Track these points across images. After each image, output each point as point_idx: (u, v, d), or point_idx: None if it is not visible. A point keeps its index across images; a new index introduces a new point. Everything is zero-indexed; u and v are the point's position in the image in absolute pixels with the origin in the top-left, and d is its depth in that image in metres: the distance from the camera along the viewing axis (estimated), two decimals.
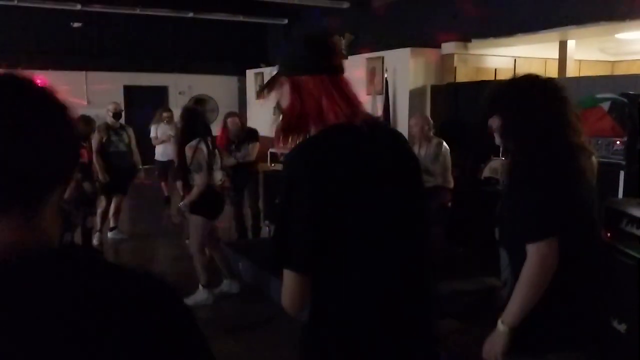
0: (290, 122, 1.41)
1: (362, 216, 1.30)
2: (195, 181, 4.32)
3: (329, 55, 1.40)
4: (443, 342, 3.58)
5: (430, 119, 5.47)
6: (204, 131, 4.46)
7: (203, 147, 4.34)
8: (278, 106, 1.46)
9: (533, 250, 1.63)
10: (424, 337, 1.43)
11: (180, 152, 4.38)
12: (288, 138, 1.43)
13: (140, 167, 6.64)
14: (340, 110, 1.34)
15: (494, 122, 1.86)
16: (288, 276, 1.31)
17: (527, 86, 1.82)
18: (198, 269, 4.49)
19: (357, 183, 1.31)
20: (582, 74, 8.14)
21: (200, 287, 4.48)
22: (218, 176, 4.50)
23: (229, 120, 5.96)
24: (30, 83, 0.80)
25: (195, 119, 4.51)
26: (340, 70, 1.42)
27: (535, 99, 1.77)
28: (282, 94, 1.42)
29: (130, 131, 6.56)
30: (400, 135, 1.53)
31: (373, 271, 1.33)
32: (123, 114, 6.92)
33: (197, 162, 4.29)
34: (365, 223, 1.31)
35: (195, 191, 4.33)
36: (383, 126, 1.54)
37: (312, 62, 1.38)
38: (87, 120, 5.86)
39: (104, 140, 6.14)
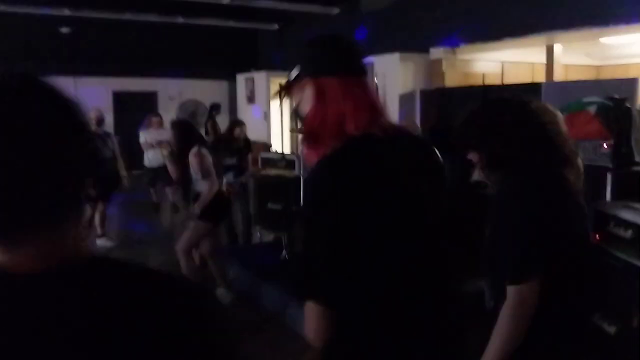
0: (312, 127, 1.31)
1: (388, 234, 1.24)
2: (205, 186, 4.33)
3: (353, 56, 1.35)
4: None
5: (417, 124, 5.51)
6: (200, 139, 4.51)
7: (206, 152, 4.39)
8: (295, 112, 1.39)
9: (512, 292, 1.53)
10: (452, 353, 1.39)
11: (179, 162, 4.39)
12: (312, 145, 1.32)
13: (125, 175, 6.54)
14: (362, 117, 1.27)
15: (474, 157, 1.79)
16: (313, 309, 1.20)
17: (492, 114, 1.72)
18: (186, 273, 4.47)
19: (383, 201, 1.23)
20: (569, 79, 8.23)
21: None
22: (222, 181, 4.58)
23: (237, 129, 6.10)
24: (53, 89, 0.79)
25: (189, 128, 4.62)
26: (364, 72, 1.35)
27: (508, 126, 1.66)
28: (303, 98, 1.34)
29: (114, 139, 6.50)
30: (425, 144, 1.44)
31: (399, 288, 1.27)
32: (112, 120, 6.85)
33: (206, 168, 4.32)
34: (391, 241, 1.24)
35: (206, 196, 4.33)
36: (406, 135, 1.40)
37: (338, 63, 1.31)
38: None
39: None
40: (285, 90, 1.40)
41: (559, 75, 7.77)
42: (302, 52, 1.38)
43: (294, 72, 1.35)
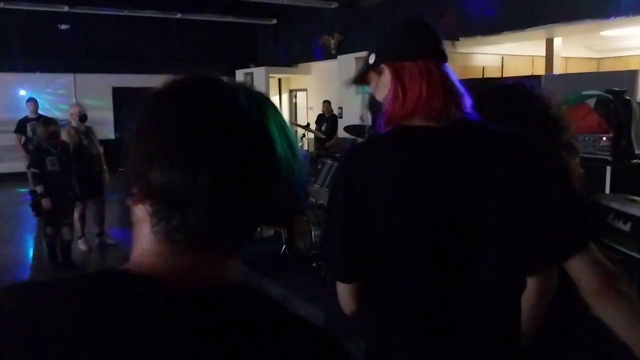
0: (393, 115, 1.22)
1: (417, 232, 1.15)
2: None
3: (433, 39, 1.27)
4: None
5: None
6: None
7: None
8: (372, 101, 1.35)
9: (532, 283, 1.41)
10: None
11: None
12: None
13: (106, 169, 6.29)
14: (434, 104, 1.18)
15: None
16: (339, 286, 1.25)
17: (500, 100, 1.66)
18: None
19: (411, 194, 1.15)
20: (568, 71, 8.23)
21: None
22: None
23: None
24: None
25: None
26: (444, 57, 1.27)
27: (514, 110, 1.60)
28: (380, 85, 1.28)
29: (95, 133, 6.32)
30: (510, 143, 1.21)
31: (421, 299, 1.17)
32: (111, 116, 6.68)
33: None
34: (420, 240, 1.15)
35: None
36: (482, 131, 1.21)
37: (417, 46, 1.24)
38: (45, 121, 5.52)
39: (76, 145, 5.82)
40: (361, 77, 1.35)
41: (558, 68, 7.76)
42: (377, 38, 1.33)
43: (371, 59, 1.30)
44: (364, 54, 1.44)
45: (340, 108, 9.48)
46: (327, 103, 10.44)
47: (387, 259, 1.17)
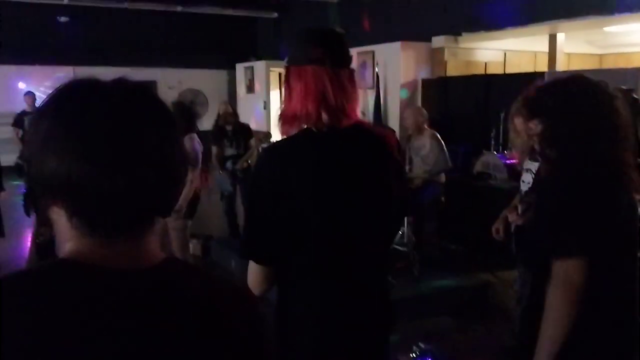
0: (283, 112, 1.45)
1: (321, 218, 1.39)
2: (188, 177, 4.15)
3: (326, 47, 1.41)
4: (437, 340, 3.59)
5: (424, 111, 5.45)
6: (195, 127, 4.32)
7: (199, 142, 4.22)
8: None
9: (558, 269, 1.49)
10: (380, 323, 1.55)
11: None
12: (284, 129, 1.47)
13: None
14: (326, 108, 1.39)
15: (534, 126, 1.68)
16: (250, 264, 1.45)
17: (575, 90, 1.64)
18: None
19: (317, 186, 1.38)
20: (571, 68, 8.17)
21: None
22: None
23: (220, 105, 6.25)
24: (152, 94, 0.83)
25: (189, 113, 4.35)
26: (339, 63, 1.42)
27: (585, 106, 1.60)
28: (284, 85, 1.48)
29: None
30: (382, 143, 1.51)
31: (329, 266, 1.43)
32: None
33: (195, 157, 4.10)
34: (323, 224, 1.39)
35: (189, 190, 4.02)
36: (368, 132, 1.51)
37: (310, 52, 1.40)
38: None
39: None
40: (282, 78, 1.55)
41: (561, 64, 7.70)
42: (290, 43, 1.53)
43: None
44: (364, 48, 1.53)
45: None
46: None
47: (296, 238, 1.38)
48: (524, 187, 3.09)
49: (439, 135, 5.19)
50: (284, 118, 1.45)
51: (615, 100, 1.62)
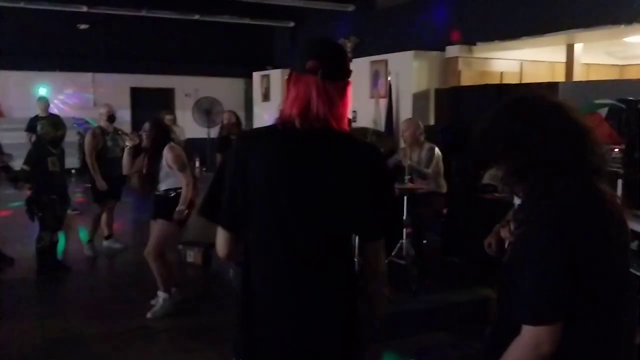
0: (280, 111, 1.60)
1: (271, 198, 1.53)
2: (184, 180, 4.20)
3: (321, 60, 1.52)
4: (432, 356, 3.45)
5: (421, 123, 5.34)
6: (171, 138, 4.58)
7: (179, 148, 4.47)
8: None
9: (528, 333, 1.34)
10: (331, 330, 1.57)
11: (154, 156, 4.25)
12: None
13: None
14: (306, 114, 1.52)
15: (498, 173, 1.51)
16: (219, 229, 1.62)
17: (517, 118, 1.46)
18: (160, 276, 4.25)
19: (272, 171, 1.53)
20: (590, 78, 7.96)
21: (163, 294, 4.26)
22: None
23: (225, 114, 6.38)
24: None
25: (165, 127, 4.69)
26: (331, 76, 1.52)
27: (535, 129, 1.42)
28: None
29: (122, 135, 6.30)
30: (350, 148, 1.57)
31: (271, 247, 1.56)
32: (129, 116, 6.64)
33: (182, 161, 4.24)
34: (272, 204, 1.53)
35: (189, 190, 4.20)
36: (330, 135, 1.55)
37: (305, 63, 1.53)
38: (55, 123, 5.45)
39: (99, 147, 5.85)
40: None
41: (579, 75, 7.51)
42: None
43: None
44: (379, 57, 1.49)
45: (354, 112, 9.34)
46: None
47: (254, 213, 1.55)
48: (517, 201, 2.96)
49: (437, 149, 5.06)
50: (280, 116, 1.58)
51: (546, 99, 1.47)
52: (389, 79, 8.11)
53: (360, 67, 8.83)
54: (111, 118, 6.06)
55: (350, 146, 1.57)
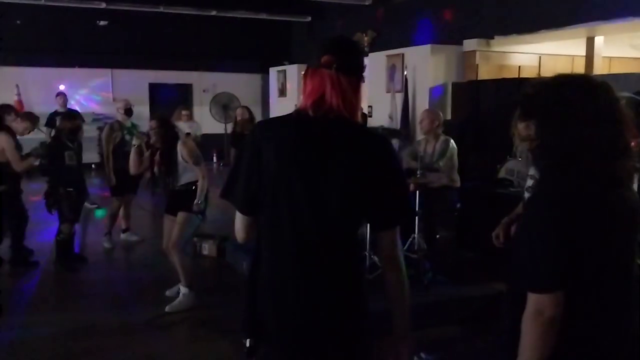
0: (299, 104, 1.67)
1: (286, 184, 1.56)
2: (193, 176, 4.26)
3: (335, 55, 1.58)
4: (443, 349, 3.44)
5: (441, 115, 5.27)
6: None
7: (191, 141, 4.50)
8: None
9: (531, 300, 1.42)
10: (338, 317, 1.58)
11: (169, 153, 4.27)
12: None
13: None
14: (307, 101, 1.58)
15: (529, 130, 1.56)
16: (237, 213, 1.67)
17: (569, 90, 1.48)
18: (182, 269, 4.29)
19: (285, 157, 1.56)
20: (612, 72, 7.82)
21: (184, 288, 4.30)
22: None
23: (238, 111, 6.44)
24: None
25: (173, 124, 4.64)
26: (345, 70, 1.58)
27: (578, 108, 1.44)
28: None
29: (139, 130, 6.34)
30: (362, 137, 1.61)
31: (285, 233, 1.57)
32: (147, 111, 6.66)
33: (196, 155, 4.28)
34: (287, 190, 1.55)
35: (204, 183, 4.25)
36: (343, 124, 1.59)
37: (321, 58, 1.58)
38: (70, 115, 5.54)
39: (117, 140, 5.92)
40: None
41: (600, 69, 7.38)
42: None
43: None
44: (395, 51, 1.50)
45: (370, 107, 9.30)
46: None
47: (270, 198, 1.57)
48: (527, 194, 2.93)
49: (452, 142, 4.99)
50: (297, 109, 1.65)
51: (616, 104, 1.47)
52: (405, 73, 8.06)
53: (376, 61, 8.79)
54: (128, 112, 6.11)
55: (362, 135, 1.62)
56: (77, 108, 10.54)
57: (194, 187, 4.27)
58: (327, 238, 1.55)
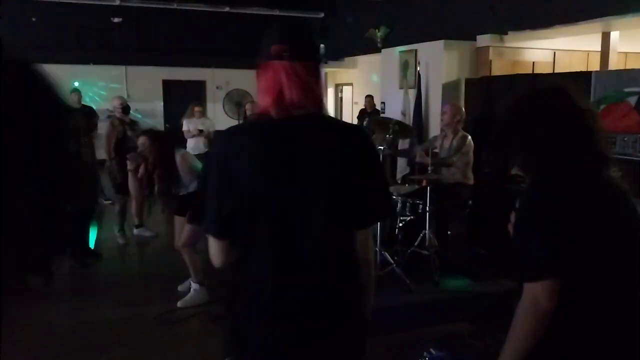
0: (259, 105, 1.51)
1: (266, 197, 1.41)
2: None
3: (285, 42, 1.44)
4: (453, 345, 3.43)
5: (463, 110, 5.26)
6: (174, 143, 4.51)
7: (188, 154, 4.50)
8: None
9: (526, 290, 1.47)
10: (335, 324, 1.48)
11: (169, 168, 4.16)
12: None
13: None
14: (280, 102, 1.43)
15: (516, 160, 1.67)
16: (210, 241, 1.51)
17: (526, 110, 1.60)
18: (193, 267, 4.30)
19: (259, 172, 1.41)
20: (628, 67, 7.71)
21: (195, 284, 4.32)
22: None
23: (247, 106, 6.49)
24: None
25: (163, 135, 4.59)
26: (299, 56, 1.43)
27: (542, 120, 1.55)
28: None
29: (140, 126, 6.36)
30: (337, 130, 1.49)
31: (274, 249, 1.43)
32: (161, 108, 6.68)
33: (196, 171, 4.26)
34: (268, 204, 1.42)
35: None
36: (312, 121, 1.47)
37: (270, 49, 1.45)
38: (85, 113, 5.62)
39: (119, 136, 5.96)
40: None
41: (615, 64, 7.28)
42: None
43: None
44: (408, 47, 1.46)
45: (383, 103, 9.28)
46: (369, 98, 10.24)
47: (248, 215, 1.42)
48: None
49: (469, 139, 4.97)
50: (257, 111, 1.52)
51: (563, 90, 1.58)
52: (418, 69, 8.03)
53: (389, 57, 8.77)
54: (125, 109, 6.17)
55: (335, 128, 1.50)
56: (91, 105, 10.64)
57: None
58: (322, 246, 1.44)
